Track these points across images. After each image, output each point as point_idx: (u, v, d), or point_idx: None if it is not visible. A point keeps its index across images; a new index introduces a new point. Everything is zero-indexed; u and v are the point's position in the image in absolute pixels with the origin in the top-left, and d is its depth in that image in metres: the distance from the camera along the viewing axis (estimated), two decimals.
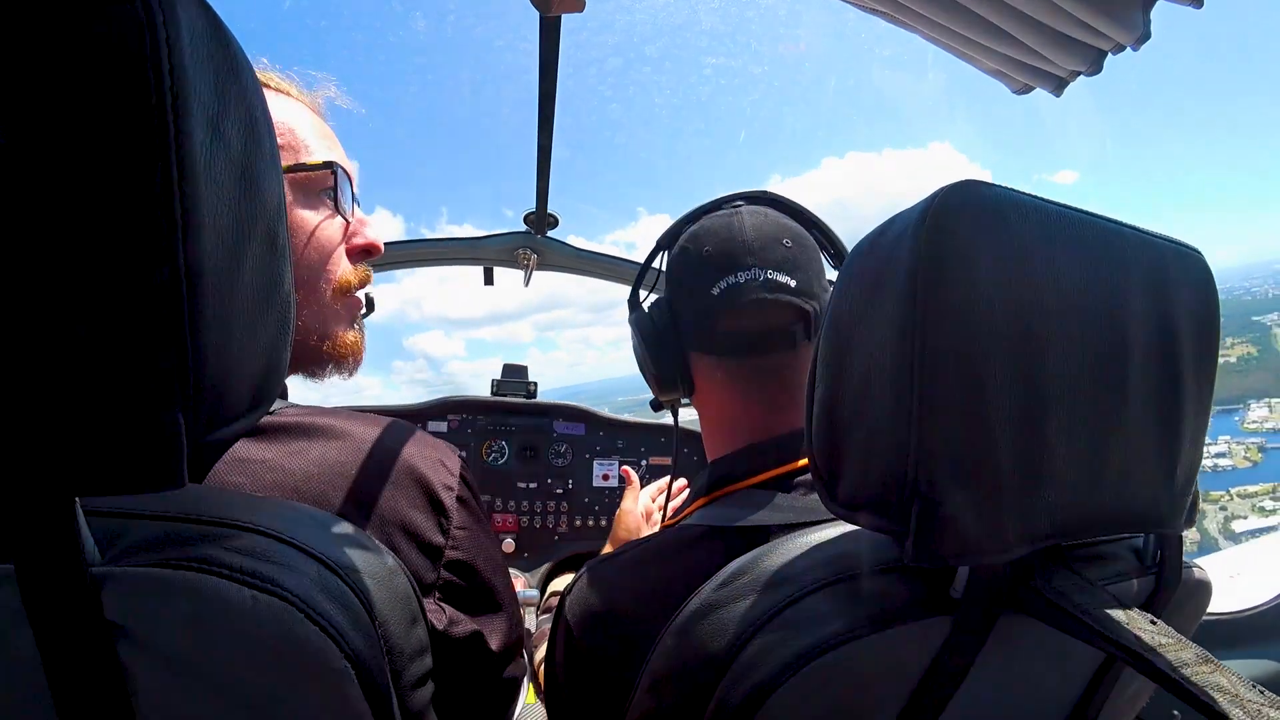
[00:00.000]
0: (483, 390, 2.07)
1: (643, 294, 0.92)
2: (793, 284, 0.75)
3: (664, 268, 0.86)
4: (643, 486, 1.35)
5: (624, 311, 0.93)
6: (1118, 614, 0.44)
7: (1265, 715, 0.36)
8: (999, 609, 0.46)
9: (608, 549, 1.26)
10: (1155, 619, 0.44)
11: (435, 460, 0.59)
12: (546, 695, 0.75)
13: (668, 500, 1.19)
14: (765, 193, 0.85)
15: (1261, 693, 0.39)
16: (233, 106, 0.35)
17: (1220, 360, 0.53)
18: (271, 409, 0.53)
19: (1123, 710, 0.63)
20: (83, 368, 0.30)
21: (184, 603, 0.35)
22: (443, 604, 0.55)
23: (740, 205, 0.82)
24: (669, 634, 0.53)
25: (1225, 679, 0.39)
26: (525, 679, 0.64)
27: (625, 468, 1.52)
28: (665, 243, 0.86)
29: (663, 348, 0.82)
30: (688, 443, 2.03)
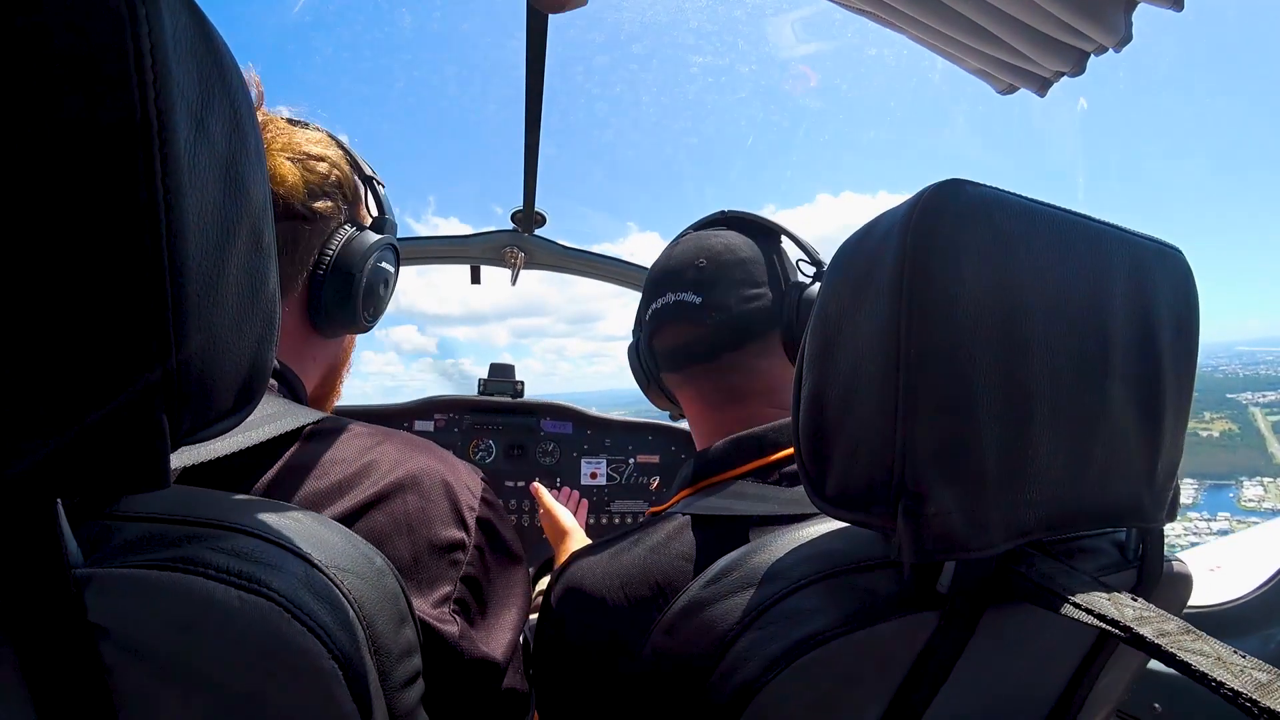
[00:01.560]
0: (444, 390, 2.08)
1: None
2: (698, 301, 0.82)
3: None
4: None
5: (601, 326, 1.01)
6: (1101, 594, 0.44)
7: (1249, 675, 0.37)
8: (985, 603, 0.46)
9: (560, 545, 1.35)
10: (1137, 598, 0.45)
11: (462, 481, 0.62)
12: (535, 678, 0.77)
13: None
14: (721, 214, 0.92)
15: (1244, 657, 0.39)
16: (217, 102, 0.34)
17: (1204, 434, 0.54)
18: (317, 420, 0.58)
19: (1100, 702, 0.64)
20: (63, 367, 0.29)
21: (170, 604, 0.35)
22: (456, 615, 0.55)
23: (687, 233, 0.91)
24: (657, 631, 0.53)
25: (1209, 646, 0.40)
26: (531, 698, 0.66)
27: (534, 485, 1.54)
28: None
29: (642, 370, 0.94)
30: (675, 441, 2.04)
